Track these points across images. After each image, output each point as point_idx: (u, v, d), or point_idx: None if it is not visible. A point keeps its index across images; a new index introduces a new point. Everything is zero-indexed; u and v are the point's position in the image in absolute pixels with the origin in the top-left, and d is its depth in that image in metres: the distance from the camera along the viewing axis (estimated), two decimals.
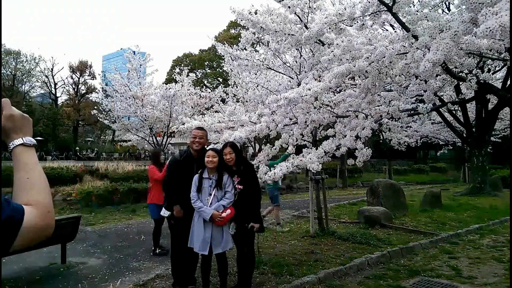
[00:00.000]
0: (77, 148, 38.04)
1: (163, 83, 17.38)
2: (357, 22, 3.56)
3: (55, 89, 42.54)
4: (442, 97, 9.09)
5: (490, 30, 1.64)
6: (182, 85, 13.99)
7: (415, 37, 3.13)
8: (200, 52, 37.55)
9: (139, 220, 8.62)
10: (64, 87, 43.54)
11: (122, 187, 12.28)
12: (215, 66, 35.20)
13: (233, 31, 33.95)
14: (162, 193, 4.34)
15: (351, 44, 3.38)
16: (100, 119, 17.48)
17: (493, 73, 9.56)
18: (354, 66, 3.27)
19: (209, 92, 15.66)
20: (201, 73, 34.56)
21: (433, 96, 4.31)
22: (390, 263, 4.87)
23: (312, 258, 5.04)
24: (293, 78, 6.26)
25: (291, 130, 4.96)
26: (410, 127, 16.31)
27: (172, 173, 3.96)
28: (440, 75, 4.19)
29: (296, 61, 6.13)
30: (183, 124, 5.17)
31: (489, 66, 9.55)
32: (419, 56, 2.85)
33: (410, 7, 3.21)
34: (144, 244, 6.06)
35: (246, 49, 6.42)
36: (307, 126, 4.54)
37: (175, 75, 15.04)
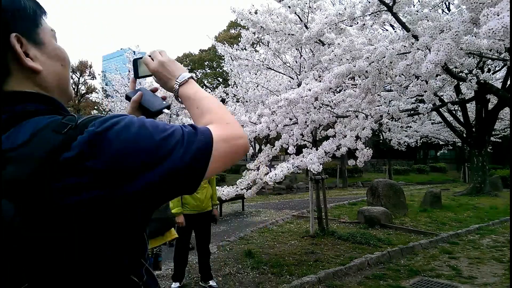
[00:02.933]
0: None
1: None
2: (358, 22, 3.55)
3: None
4: (442, 97, 9.08)
5: (493, 31, 1.63)
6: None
7: (416, 37, 3.12)
8: (200, 52, 37.57)
9: None
10: None
11: None
12: (215, 66, 35.20)
13: (233, 31, 33.96)
14: None
15: (351, 44, 3.37)
16: None
17: (493, 73, 9.55)
18: (354, 66, 3.26)
19: (209, 92, 15.64)
20: (201, 73, 34.56)
21: (433, 96, 4.31)
22: (390, 263, 4.87)
23: (312, 258, 5.04)
24: (293, 78, 6.26)
25: (291, 130, 4.96)
26: (410, 127, 16.31)
27: None
28: (440, 75, 4.19)
29: (296, 61, 6.13)
30: None
31: (489, 66, 9.54)
32: (420, 57, 2.85)
33: (410, 7, 3.21)
34: None
35: (246, 49, 6.42)
36: (307, 126, 4.54)
37: None
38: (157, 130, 0.62)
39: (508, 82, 10.22)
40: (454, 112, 12.60)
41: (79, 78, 43.08)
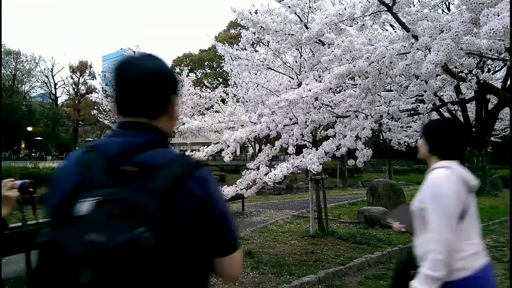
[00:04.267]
0: (77, 148, 37.88)
1: None
2: (357, 22, 3.56)
3: (55, 89, 42.49)
4: (442, 97, 9.08)
5: (494, 31, 1.63)
6: (182, 85, 13.97)
7: (415, 37, 3.13)
8: (200, 52, 37.59)
9: None
10: (64, 87, 43.37)
11: None
12: (215, 66, 35.24)
13: (233, 31, 33.97)
14: None
15: (351, 44, 3.38)
16: (100, 119, 17.47)
17: (493, 73, 9.53)
18: (354, 67, 3.27)
19: (209, 92, 15.62)
20: (201, 73, 34.56)
21: (433, 96, 4.31)
22: (390, 263, 4.87)
23: (312, 258, 5.04)
24: (293, 78, 6.26)
25: (291, 130, 4.96)
26: (410, 127, 16.29)
27: None
28: (440, 75, 4.19)
29: (296, 61, 6.13)
30: (183, 124, 5.17)
31: (489, 66, 9.53)
32: (420, 57, 2.85)
33: (410, 7, 3.21)
34: None
35: (246, 49, 6.42)
36: (307, 126, 4.54)
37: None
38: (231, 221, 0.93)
39: (508, 82, 10.22)
40: (454, 112, 12.58)
41: (79, 78, 43.03)
